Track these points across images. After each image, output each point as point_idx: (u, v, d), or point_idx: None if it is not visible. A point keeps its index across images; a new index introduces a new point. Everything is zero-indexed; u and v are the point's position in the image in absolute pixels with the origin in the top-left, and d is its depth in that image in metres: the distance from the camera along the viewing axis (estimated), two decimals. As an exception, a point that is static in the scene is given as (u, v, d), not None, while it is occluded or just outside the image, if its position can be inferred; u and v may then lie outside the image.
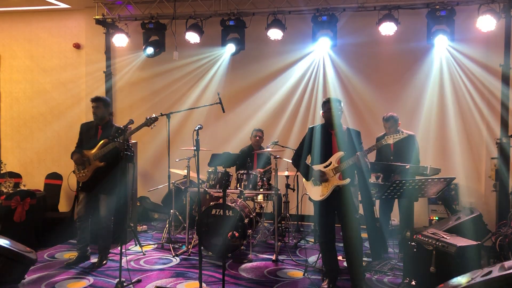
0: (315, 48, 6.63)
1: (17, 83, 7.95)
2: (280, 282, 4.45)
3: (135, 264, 4.96)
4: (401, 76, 6.67)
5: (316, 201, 4.17)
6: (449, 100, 6.48)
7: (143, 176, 7.38)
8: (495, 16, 5.69)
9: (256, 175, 5.46)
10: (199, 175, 3.98)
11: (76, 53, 7.74)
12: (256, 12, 6.60)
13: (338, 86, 6.77)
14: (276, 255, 5.15)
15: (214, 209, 5.12)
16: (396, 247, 5.30)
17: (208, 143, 6.29)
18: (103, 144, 4.75)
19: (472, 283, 2.94)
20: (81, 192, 4.92)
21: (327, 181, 4.09)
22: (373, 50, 6.76)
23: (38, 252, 5.08)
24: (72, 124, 7.35)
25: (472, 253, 3.75)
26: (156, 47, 6.90)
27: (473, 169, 6.45)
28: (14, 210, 5.55)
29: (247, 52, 6.80)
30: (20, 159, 7.93)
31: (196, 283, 4.18)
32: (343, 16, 6.37)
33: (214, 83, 7.21)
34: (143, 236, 6.19)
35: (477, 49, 6.26)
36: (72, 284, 4.35)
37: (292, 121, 6.98)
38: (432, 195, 3.91)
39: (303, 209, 6.25)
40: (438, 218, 6.13)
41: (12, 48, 7.93)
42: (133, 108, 7.50)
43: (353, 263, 4.13)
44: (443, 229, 4.47)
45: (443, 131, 6.54)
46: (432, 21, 5.97)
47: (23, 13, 7.79)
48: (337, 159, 4.08)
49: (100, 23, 7.17)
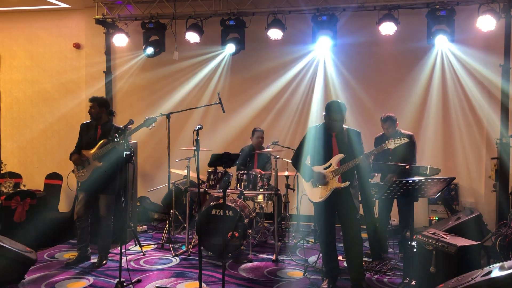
0: (315, 48, 6.62)
1: (17, 83, 7.95)
2: (280, 282, 4.45)
3: (135, 264, 4.96)
4: (401, 76, 6.67)
5: (315, 202, 4.17)
6: (449, 100, 6.47)
7: (143, 176, 7.38)
8: (495, 16, 5.69)
9: (256, 175, 5.46)
10: (199, 175, 3.98)
11: (76, 53, 7.74)
12: (256, 12, 6.60)
13: (338, 85, 6.76)
14: (276, 255, 5.15)
15: (214, 209, 5.12)
16: (396, 247, 5.30)
17: (208, 143, 6.29)
18: (102, 144, 4.75)
19: (472, 283, 2.94)
20: (81, 192, 4.91)
21: (326, 185, 4.08)
22: (373, 50, 6.76)
23: (38, 252, 5.08)
24: (72, 124, 7.36)
25: (472, 253, 3.75)
26: (156, 47, 6.90)
27: (473, 169, 6.44)
28: (14, 210, 5.57)
29: (247, 52, 6.80)
30: (20, 159, 7.94)
31: (196, 283, 4.18)
32: (343, 16, 6.37)
33: (214, 83, 7.21)
34: (143, 236, 6.19)
35: (477, 49, 6.25)
36: (72, 284, 4.35)
37: (292, 121, 6.97)
38: (432, 195, 3.91)
39: (303, 209, 6.23)
40: (438, 218, 6.13)
41: (12, 48, 7.94)
42: (133, 108, 7.50)
43: (353, 263, 4.14)
44: (443, 229, 4.47)
45: (443, 131, 6.54)
46: (432, 21, 5.96)
47: (23, 13, 7.79)
48: (337, 161, 4.07)
49: (100, 23, 7.17)
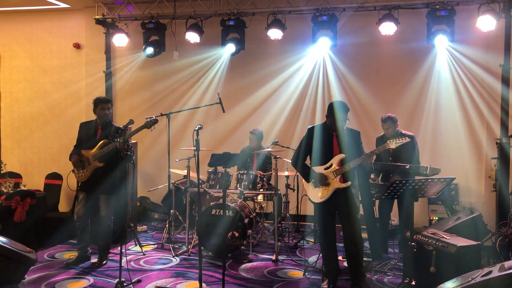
0: (315, 48, 6.60)
1: (17, 83, 7.94)
2: (280, 282, 4.45)
3: (135, 264, 4.96)
4: (401, 76, 6.67)
5: (316, 202, 4.16)
6: (449, 100, 6.47)
7: (143, 176, 7.37)
8: (495, 16, 5.68)
9: (256, 175, 5.46)
10: (199, 175, 3.98)
11: (76, 53, 7.74)
12: (256, 12, 6.59)
13: (338, 86, 6.76)
14: (276, 255, 5.15)
15: (214, 209, 5.12)
16: (396, 247, 5.30)
17: (208, 143, 6.29)
18: (103, 145, 4.74)
19: (472, 283, 2.94)
20: (81, 192, 4.91)
21: (328, 185, 4.07)
22: (373, 50, 6.76)
23: (38, 252, 5.08)
24: (72, 124, 7.33)
25: (472, 253, 3.76)
26: (156, 47, 6.89)
27: (473, 169, 6.44)
28: (14, 210, 5.56)
29: (247, 52, 6.79)
30: (20, 159, 7.94)
31: (196, 283, 4.18)
32: (343, 16, 6.36)
33: (214, 83, 7.21)
34: (143, 236, 6.19)
35: (477, 49, 6.25)
36: (72, 284, 4.35)
37: (292, 121, 6.98)
38: (432, 195, 3.92)
39: (303, 209, 6.24)
40: (438, 218, 6.13)
41: (12, 48, 7.93)
42: (133, 108, 7.50)
43: (353, 263, 4.14)
44: (443, 229, 4.47)
45: (443, 131, 6.54)
46: (432, 21, 5.96)
47: (23, 13, 7.79)
48: (338, 161, 4.06)
49: (100, 23, 7.17)
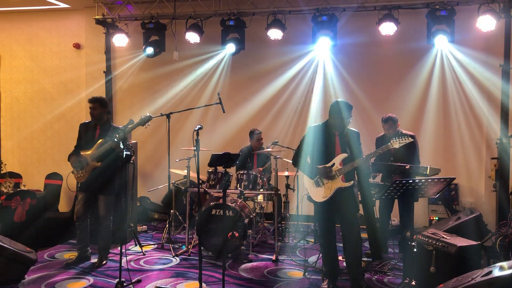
0: (315, 48, 6.62)
1: (17, 83, 7.95)
2: (280, 282, 4.44)
3: (135, 264, 4.96)
4: (401, 76, 6.67)
5: (317, 202, 4.16)
6: (449, 100, 6.48)
7: (143, 176, 7.37)
8: (495, 16, 5.69)
9: (256, 175, 5.46)
10: (199, 175, 3.98)
11: (76, 53, 7.74)
12: (256, 12, 6.60)
13: (338, 86, 6.76)
14: (276, 255, 5.15)
15: (214, 209, 5.12)
16: (396, 247, 5.29)
17: (208, 143, 6.28)
18: (100, 145, 4.74)
19: (472, 283, 2.94)
20: (80, 192, 4.91)
21: (332, 179, 4.06)
22: (373, 50, 6.76)
23: (38, 252, 5.08)
24: (72, 124, 7.35)
25: (472, 253, 3.75)
26: (156, 47, 6.90)
27: (473, 169, 6.44)
28: (14, 210, 5.57)
29: (247, 52, 6.80)
30: (20, 159, 7.94)
31: (196, 283, 4.18)
32: (343, 16, 6.36)
33: (214, 83, 7.21)
34: (143, 236, 6.19)
35: (477, 49, 6.25)
36: (72, 284, 4.35)
37: (292, 121, 6.98)
38: (432, 195, 3.91)
39: (303, 209, 6.23)
40: (438, 218, 6.13)
41: (12, 48, 7.94)
42: (133, 108, 7.49)
43: (353, 263, 4.14)
44: (443, 229, 4.47)
45: (443, 131, 6.54)
46: (432, 21, 5.96)
47: (23, 13, 7.79)
48: (340, 160, 4.06)
49: (100, 23, 7.17)
